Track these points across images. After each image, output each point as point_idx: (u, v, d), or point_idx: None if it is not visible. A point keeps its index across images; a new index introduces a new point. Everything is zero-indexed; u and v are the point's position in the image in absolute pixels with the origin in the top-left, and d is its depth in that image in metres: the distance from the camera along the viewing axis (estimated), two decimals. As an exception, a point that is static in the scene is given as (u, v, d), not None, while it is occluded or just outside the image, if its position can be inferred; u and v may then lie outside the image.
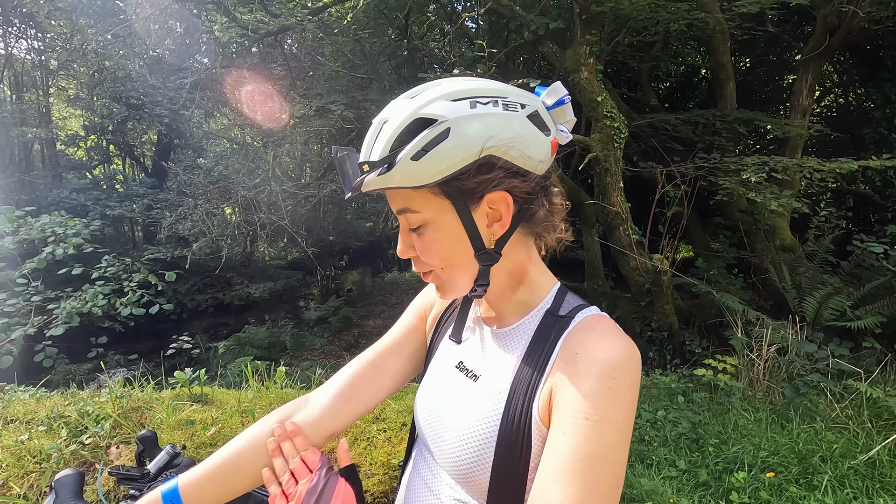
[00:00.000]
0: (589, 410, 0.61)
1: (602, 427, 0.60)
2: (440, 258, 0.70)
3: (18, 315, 4.12)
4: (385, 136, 0.65)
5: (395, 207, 0.71)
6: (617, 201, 5.45)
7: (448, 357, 0.83)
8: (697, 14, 5.62)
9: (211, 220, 7.77)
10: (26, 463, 2.04)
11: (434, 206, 0.67)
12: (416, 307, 0.95)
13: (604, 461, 0.59)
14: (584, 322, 0.71)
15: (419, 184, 0.64)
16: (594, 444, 0.59)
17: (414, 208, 0.68)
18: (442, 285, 0.74)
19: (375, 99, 6.97)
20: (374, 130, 0.67)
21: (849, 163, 4.73)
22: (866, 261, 4.96)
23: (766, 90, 9.09)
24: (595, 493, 0.57)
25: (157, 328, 9.12)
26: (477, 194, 0.67)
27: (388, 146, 0.64)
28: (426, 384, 0.84)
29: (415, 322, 0.94)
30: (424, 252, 0.71)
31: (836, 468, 2.74)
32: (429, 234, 0.69)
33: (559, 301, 0.76)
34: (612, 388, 0.62)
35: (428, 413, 0.80)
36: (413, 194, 0.67)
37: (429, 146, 0.62)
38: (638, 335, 5.67)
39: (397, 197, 0.70)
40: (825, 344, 4.16)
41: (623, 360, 0.64)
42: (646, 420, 3.53)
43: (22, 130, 11.77)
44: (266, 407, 2.54)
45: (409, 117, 0.64)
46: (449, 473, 0.74)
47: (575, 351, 0.67)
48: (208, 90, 7.66)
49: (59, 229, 4.35)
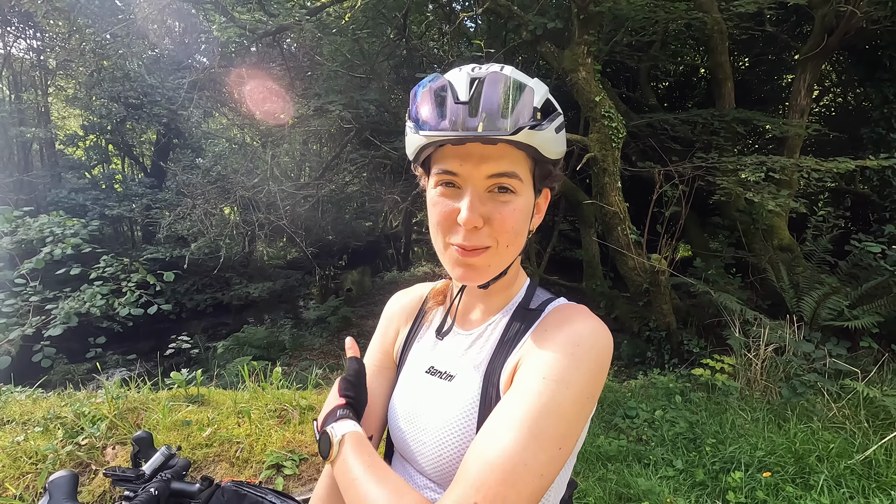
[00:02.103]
0: (547, 371, 0.63)
1: (558, 387, 0.62)
2: (515, 233, 0.70)
3: (17, 315, 4.11)
4: (535, 99, 0.65)
5: (493, 169, 0.65)
6: (615, 201, 5.45)
7: (418, 364, 0.83)
8: (696, 14, 5.62)
9: (209, 219, 7.76)
10: (22, 464, 2.04)
11: (528, 181, 0.70)
12: (381, 346, 0.92)
13: (552, 416, 0.60)
14: (555, 310, 0.74)
15: (550, 156, 0.68)
16: (546, 399, 0.61)
17: (520, 176, 0.68)
18: (489, 266, 0.70)
19: (374, 99, 6.97)
20: (509, 86, 0.63)
21: (847, 162, 4.73)
22: (864, 260, 4.96)
23: (765, 90, 9.09)
24: (536, 442, 0.58)
25: (156, 328, 9.10)
26: (545, 184, 0.75)
27: (541, 106, 0.65)
28: (399, 394, 0.84)
29: (381, 361, 0.91)
30: (506, 223, 0.67)
31: (833, 468, 2.75)
32: (519, 205, 0.69)
33: (529, 295, 0.79)
34: (574, 355, 0.64)
35: (405, 421, 0.79)
36: (523, 163, 0.68)
37: (559, 128, 0.68)
38: (636, 335, 5.68)
39: (505, 159, 0.66)
40: (823, 344, 4.16)
41: (589, 333, 0.67)
42: (643, 420, 3.54)
43: (21, 130, 11.76)
44: (262, 407, 2.54)
45: (545, 94, 0.67)
46: (430, 476, 0.74)
47: (544, 329, 0.70)
48: (207, 90, 7.67)
49: (58, 229, 4.34)
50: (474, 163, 0.65)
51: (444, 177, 0.67)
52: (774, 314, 4.75)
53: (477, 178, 0.66)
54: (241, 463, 2.19)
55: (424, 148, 0.67)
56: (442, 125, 0.63)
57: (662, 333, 5.41)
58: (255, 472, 2.16)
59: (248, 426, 2.38)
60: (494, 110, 0.61)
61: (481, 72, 0.65)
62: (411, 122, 0.67)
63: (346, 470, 0.66)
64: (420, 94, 0.66)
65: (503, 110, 0.62)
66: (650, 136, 6.76)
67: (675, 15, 5.53)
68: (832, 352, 3.97)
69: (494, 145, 0.64)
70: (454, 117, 0.62)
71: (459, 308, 0.84)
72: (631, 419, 3.58)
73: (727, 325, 4.52)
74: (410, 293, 0.96)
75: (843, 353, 4.10)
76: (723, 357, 4.08)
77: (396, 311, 0.94)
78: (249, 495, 1.08)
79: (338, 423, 0.72)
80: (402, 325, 0.92)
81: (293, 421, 2.48)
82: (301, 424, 2.47)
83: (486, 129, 0.61)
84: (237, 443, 2.27)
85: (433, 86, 0.65)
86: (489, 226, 0.67)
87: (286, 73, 7.65)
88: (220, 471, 2.14)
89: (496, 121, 0.61)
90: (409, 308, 0.93)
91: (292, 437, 2.34)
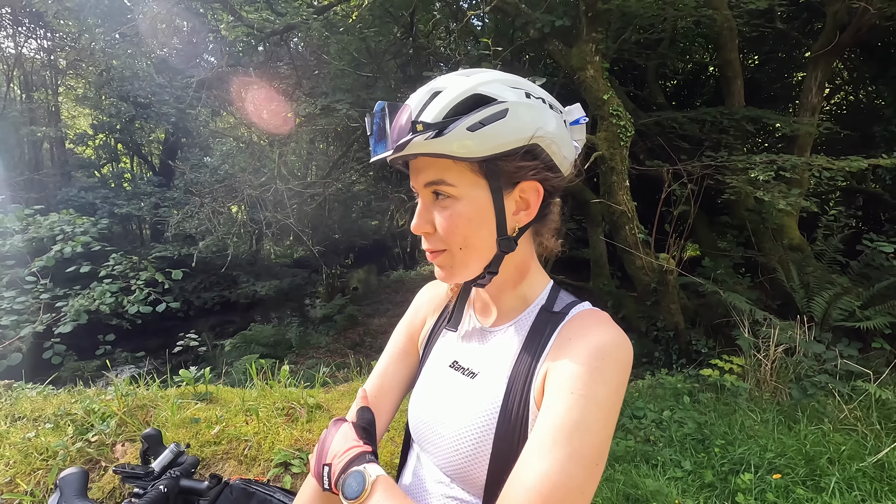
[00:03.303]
0: (574, 386, 0.63)
1: (585, 402, 0.62)
2: (463, 236, 0.70)
3: (28, 312, 4.16)
4: (441, 103, 0.66)
5: (425, 179, 0.70)
6: (623, 200, 5.42)
7: (442, 358, 0.84)
8: (705, 11, 5.56)
9: (217, 218, 7.80)
10: (33, 460, 2.06)
11: (470, 182, 0.68)
12: (406, 331, 0.94)
13: (584, 433, 0.61)
14: (578, 315, 0.74)
15: (469, 155, 0.65)
16: (576, 416, 0.61)
17: (450, 181, 0.68)
18: (452, 267, 0.73)
19: (381, 98, 6.96)
20: (422, 96, 0.67)
21: (859, 161, 4.67)
22: (876, 260, 4.91)
23: (775, 87, 9.01)
24: (572, 462, 0.59)
25: (164, 326, 9.18)
26: (514, 179, 0.70)
27: (442, 113, 0.65)
28: (421, 387, 0.84)
29: (406, 346, 0.92)
30: (448, 228, 0.70)
31: (844, 470, 2.71)
32: (458, 209, 0.69)
33: (553, 298, 0.79)
34: (599, 368, 0.65)
35: (425, 414, 0.80)
36: (452, 167, 0.68)
37: (486, 121, 0.65)
38: (644, 335, 5.64)
39: (432, 167, 0.69)
40: (833, 344, 4.11)
41: (612, 345, 0.67)
42: (651, 420, 3.51)
43: (31, 129, 11.89)
44: (270, 406, 2.55)
45: (467, 90, 0.66)
46: (445, 472, 0.75)
47: (568, 338, 0.70)
48: (214, 89, 7.70)
49: (68, 227, 4.38)
50: (414, 175, 0.71)
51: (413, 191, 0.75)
52: (784, 314, 4.69)
53: (419, 187, 0.71)
54: (249, 461, 2.20)
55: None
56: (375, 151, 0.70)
57: (670, 333, 5.36)
58: (263, 471, 2.16)
59: (256, 424, 2.39)
60: (397, 130, 0.66)
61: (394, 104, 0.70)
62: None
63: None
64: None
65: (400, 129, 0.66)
66: (658, 134, 6.70)
67: (684, 12, 5.47)
68: (843, 353, 3.92)
69: (416, 159, 0.69)
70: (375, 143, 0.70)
71: (478, 305, 0.85)
72: (639, 419, 3.56)
73: (736, 325, 4.48)
74: (442, 285, 0.96)
75: (855, 354, 4.05)
76: (732, 357, 4.04)
77: (426, 301, 0.95)
78: (258, 493, 1.08)
79: (370, 466, 0.70)
80: (430, 315, 0.93)
81: (301, 419, 2.49)
82: (309, 423, 2.47)
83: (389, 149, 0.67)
84: (245, 441, 2.28)
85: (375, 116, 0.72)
86: (438, 230, 0.71)
87: (293, 73, 7.67)
88: (229, 468, 2.15)
89: (397, 139, 0.66)
90: (438, 299, 0.94)
91: (300, 436, 2.35)
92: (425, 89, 0.69)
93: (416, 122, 0.64)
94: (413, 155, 0.67)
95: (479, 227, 0.70)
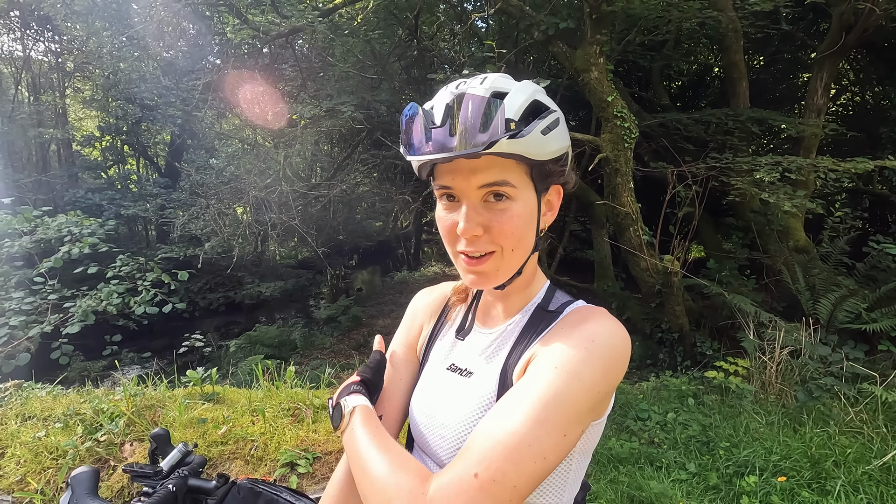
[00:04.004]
0: (559, 362, 0.65)
1: (568, 377, 0.63)
2: (518, 238, 0.71)
3: (35, 313, 4.20)
4: (515, 105, 0.67)
5: (484, 180, 0.68)
6: (627, 202, 5.41)
7: (440, 361, 0.86)
8: (710, 12, 5.55)
9: (223, 219, 7.85)
10: (43, 459, 2.08)
11: (524, 185, 0.71)
12: (405, 340, 0.96)
13: (559, 404, 0.61)
14: (574, 311, 0.76)
15: (540, 158, 0.69)
16: (556, 388, 0.62)
17: (513, 182, 0.69)
18: (499, 270, 0.73)
19: (385, 100, 6.99)
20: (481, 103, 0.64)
21: (865, 162, 4.66)
22: (882, 262, 4.88)
23: (780, 89, 8.96)
24: (542, 427, 0.60)
25: (170, 326, 9.22)
26: (550, 182, 0.75)
27: (518, 114, 0.67)
28: (420, 390, 0.86)
29: (405, 354, 0.94)
30: (504, 229, 0.70)
31: (850, 473, 2.70)
32: (517, 210, 0.70)
33: (549, 297, 0.81)
34: (588, 349, 0.66)
35: (424, 416, 0.82)
36: (514, 169, 0.69)
37: (552, 126, 0.69)
38: (648, 336, 5.63)
39: (495, 168, 0.68)
40: (839, 347, 4.10)
41: (606, 332, 0.68)
42: (655, 422, 3.51)
43: (39, 131, 11.99)
44: (275, 406, 2.56)
45: (530, 96, 0.69)
46: None
47: (561, 328, 0.72)
48: (220, 91, 7.74)
49: (75, 229, 4.42)
50: (464, 176, 0.69)
51: (443, 191, 0.72)
52: (790, 317, 4.68)
53: (470, 189, 0.69)
54: (256, 461, 2.22)
55: (421, 168, 0.73)
56: (426, 149, 0.67)
57: (675, 335, 5.35)
58: (270, 470, 2.18)
59: (262, 424, 2.41)
60: (469, 127, 0.64)
61: (458, 90, 0.69)
62: (404, 148, 0.71)
63: (353, 438, 0.70)
64: (405, 123, 0.71)
65: (480, 126, 0.64)
66: (663, 135, 6.70)
67: (688, 14, 5.47)
68: (849, 355, 3.91)
69: (478, 158, 0.67)
70: (435, 139, 0.66)
71: (479, 307, 0.87)
72: (643, 421, 3.56)
73: (741, 327, 4.47)
74: (436, 291, 0.98)
75: (861, 356, 4.04)
76: (736, 359, 4.04)
77: (421, 308, 0.97)
78: (265, 493, 1.09)
79: (350, 397, 0.77)
80: (427, 321, 0.95)
81: (307, 420, 2.50)
82: (314, 423, 2.49)
83: (465, 146, 0.64)
84: (252, 441, 2.30)
85: (413, 115, 0.69)
86: (489, 233, 0.70)
87: (298, 75, 7.71)
88: (235, 468, 2.16)
89: (473, 137, 0.64)
90: (433, 305, 0.96)
91: (306, 436, 2.36)
92: (482, 91, 0.68)
93: (511, 119, 0.65)
94: (476, 154, 0.64)
95: (529, 228, 0.73)
